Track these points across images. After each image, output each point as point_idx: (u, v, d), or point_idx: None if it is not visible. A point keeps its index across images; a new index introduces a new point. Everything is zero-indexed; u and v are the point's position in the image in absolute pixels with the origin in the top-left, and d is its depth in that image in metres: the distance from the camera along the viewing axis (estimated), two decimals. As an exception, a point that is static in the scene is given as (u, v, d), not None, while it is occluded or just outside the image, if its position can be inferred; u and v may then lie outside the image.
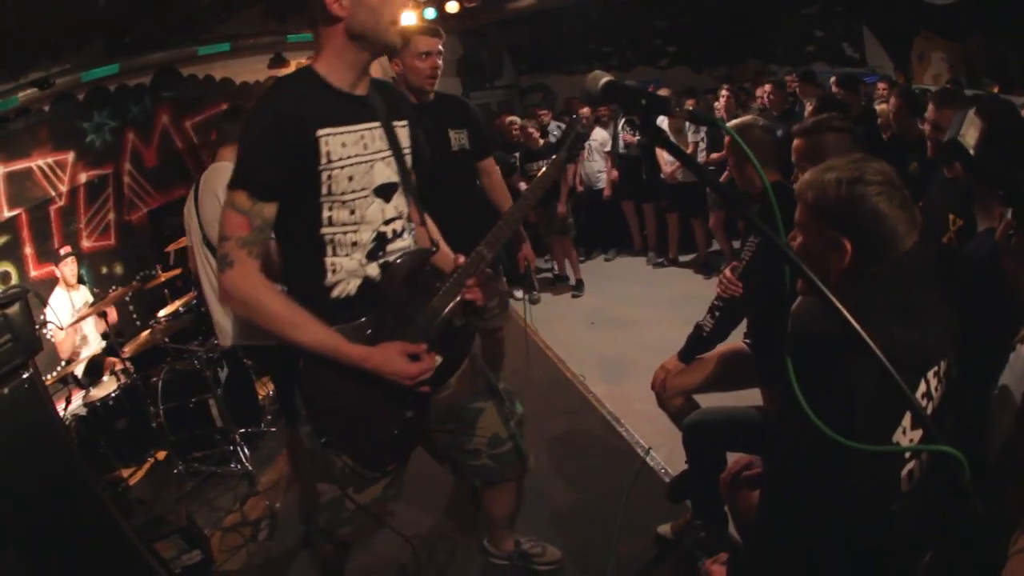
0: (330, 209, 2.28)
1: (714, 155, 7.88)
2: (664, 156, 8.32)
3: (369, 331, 2.36)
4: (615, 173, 9.24)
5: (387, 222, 2.41)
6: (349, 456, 2.47)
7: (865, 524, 1.70)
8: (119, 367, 5.55)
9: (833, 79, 7.69)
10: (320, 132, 2.21)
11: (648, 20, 11.89)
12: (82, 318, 5.77)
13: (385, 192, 2.39)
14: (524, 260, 4.64)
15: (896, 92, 5.41)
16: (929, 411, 1.76)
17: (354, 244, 2.34)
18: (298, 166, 2.20)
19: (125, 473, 4.97)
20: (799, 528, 1.73)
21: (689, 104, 8.16)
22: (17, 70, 6.26)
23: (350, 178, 2.28)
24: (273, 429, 5.75)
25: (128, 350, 5.44)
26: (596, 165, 9.36)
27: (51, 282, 6.33)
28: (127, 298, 6.74)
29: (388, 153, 2.40)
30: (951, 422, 2.00)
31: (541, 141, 8.44)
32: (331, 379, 2.34)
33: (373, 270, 2.40)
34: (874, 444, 1.54)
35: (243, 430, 5.37)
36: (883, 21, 9.18)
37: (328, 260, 2.33)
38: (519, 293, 8.32)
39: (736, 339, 3.49)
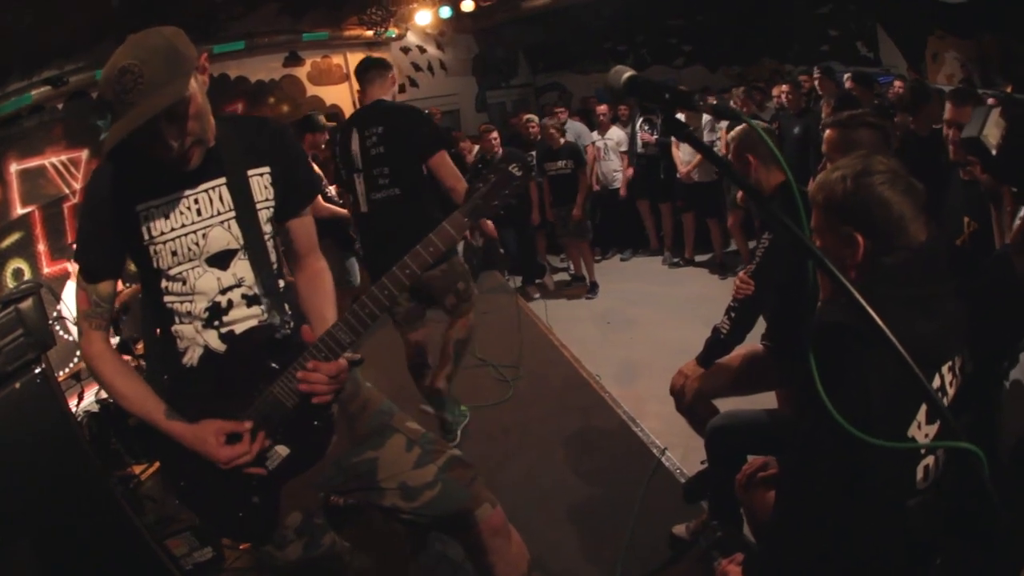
0: (166, 280, 2.15)
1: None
2: (679, 156, 8.32)
3: (204, 406, 2.13)
4: (630, 171, 9.24)
5: (224, 291, 2.17)
6: (201, 518, 2.35)
7: (881, 520, 1.68)
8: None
9: (847, 75, 7.67)
10: (140, 207, 2.06)
11: (663, 19, 11.89)
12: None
13: (221, 260, 2.16)
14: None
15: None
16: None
17: (188, 313, 2.17)
18: (123, 244, 2.12)
19: (137, 470, 4.96)
20: (815, 525, 1.71)
21: (711, 99, 8.14)
22: (31, 68, 6.31)
23: (173, 253, 2.10)
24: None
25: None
26: (612, 165, 9.35)
27: (65, 279, 6.35)
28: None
29: (230, 215, 2.16)
30: (967, 418, 1.98)
31: (562, 141, 8.41)
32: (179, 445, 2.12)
33: (212, 339, 2.18)
34: (890, 438, 1.53)
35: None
36: (897, 20, 9.13)
37: (174, 328, 2.20)
38: (536, 295, 8.49)
39: (754, 341, 3.48)
